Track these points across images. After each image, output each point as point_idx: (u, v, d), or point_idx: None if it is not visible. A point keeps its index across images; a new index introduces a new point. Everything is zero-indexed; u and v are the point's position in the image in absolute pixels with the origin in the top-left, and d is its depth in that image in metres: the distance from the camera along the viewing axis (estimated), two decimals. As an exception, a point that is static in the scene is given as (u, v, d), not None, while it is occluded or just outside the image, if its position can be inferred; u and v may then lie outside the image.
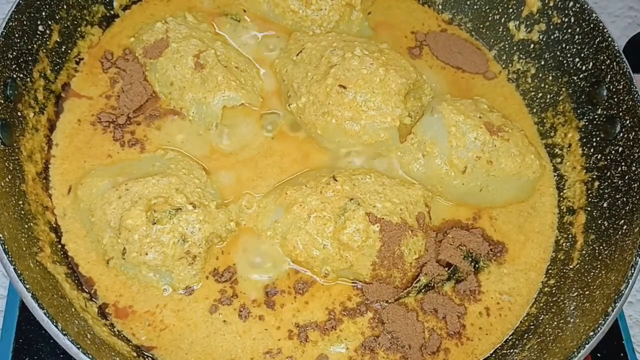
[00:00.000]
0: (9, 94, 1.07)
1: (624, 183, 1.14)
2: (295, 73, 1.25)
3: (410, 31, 1.43)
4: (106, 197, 1.08)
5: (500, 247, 1.19)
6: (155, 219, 1.04)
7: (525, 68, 1.37)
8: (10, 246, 0.93)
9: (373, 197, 1.10)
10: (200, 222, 1.06)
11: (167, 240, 1.04)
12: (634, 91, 1.14)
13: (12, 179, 1.05)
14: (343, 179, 1.12)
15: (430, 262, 1.11)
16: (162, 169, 1.12)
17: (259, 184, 1.19)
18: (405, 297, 1.11)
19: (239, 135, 1.23)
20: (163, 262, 1.04)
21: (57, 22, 1.20)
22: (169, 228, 1.04)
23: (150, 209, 1.04)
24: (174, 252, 1.04)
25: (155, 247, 1.03)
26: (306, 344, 1.06)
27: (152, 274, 1.05)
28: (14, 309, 1.17)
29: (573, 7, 1.26)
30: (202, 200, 1.09)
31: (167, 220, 1.04)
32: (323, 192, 1.10)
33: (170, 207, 1.05)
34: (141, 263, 1.04)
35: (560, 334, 1.05)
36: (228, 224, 1.11)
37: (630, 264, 1.02)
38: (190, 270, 1.06)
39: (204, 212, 1.07)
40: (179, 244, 1.04)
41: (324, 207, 1.09)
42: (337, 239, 1.08)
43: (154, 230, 1.03)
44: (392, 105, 1.18)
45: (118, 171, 1.14)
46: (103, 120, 1.21)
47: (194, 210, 1.06)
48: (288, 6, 1.33)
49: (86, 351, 0.88)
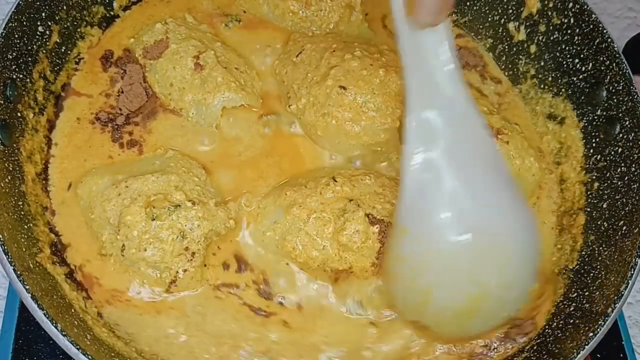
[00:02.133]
0: (8, 95, 1.07)
1: (623, 184, 1.14)
2: (295, 74, 1.25)
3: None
4: (106, 194, 1.08)
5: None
6: (155, 215, 1.04)
7: (525, 69, 1.37)
8: (9, 247, 0.93)
9: (373, 199, 1.10)
10: (199, 219, 1.06)
11: (165, 236, 1.04)
12: (633, 92, 1.14)
13: (12, 180, 1.05)
14: (343, 180, 1.12)
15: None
16: (161, 167, 1.13)
17: (259, 185, 1.19)
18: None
19: (239, 136, 1.23)
20: (162, 259, 1.04)
21: (56, 22, 1.20)
22: (167, 224, 1.05)
23: (150, 205, 1.05)
24: (173, 248, 1.05)
25: (154, 244, 1.04)
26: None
27: (151, 270, 1.06)
28: (13, 310, 1.17)
29: (572, 8, 1.26)
30: (201, 197, 1.09)
31: (166, 217, 1.05)
32: (323, 193, 1.11)
33: (169, 203, 1.05)
34: (140, 259, 1.04)
35: (559, 335, 1.05)
36: (227, 221, 1.11)
37: (630, 264, 1.02)
38: (189, 266, 1.07)
39: (203, 209, 1.08)
40: (177, 241, 1.05)
41: (323, 208, 1.09)
42: (336, 240, 1.08)
43: (153, 226, 1.04)
44: (393, 106, 1.18)
45: (118, 169, 1.14)
46: (102, 119, 1.21)
47: (193, 207, 1.06)
48: (288, 7, 1.34)
49: (86, 352, 0.88)
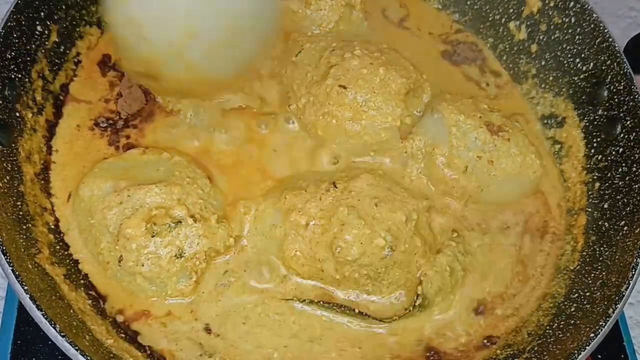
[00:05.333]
0: (7, 94, 1.07)
1: (624, 184, 1.14)
2: (294, 74, 1.24)
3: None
4: (107, 200, 1.07)
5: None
6: (155, 232, 1.03)
7: (526, 68, 1.37)
8: (8, 247, 0.92)
9: (372, 207, 1.08)
10: (199, 236, 1.06)
11: (164, 253, 1.04)
12: (634, 92, 1.14)
13: (10, 180, 1.04)
14: (343, 185, 1.10)
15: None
16: (166, 175, 1.11)
17: (259, 185, 1.18)
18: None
19: (238, 136, 1.22)
20: (158, 274, 1.04)
21: (55, 22, 1.20)
22: (167, 241, 1.04)
23: (151, 220, 1.04)
24: (170, 265, 1.04)
25: (152, 260, 1.03)
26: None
27: (148, 283, 1.05)
28: (12, 311, 1.17)
29: (574, 8, 1.25)
30: (203, 213, 1.08)
31: (167, 234, 1.04)
32: (323, 199, 1.09)
33: (170, 219, 1.05)
34: (137, 272, 1.04)
35: (560, 336, 1.05)
36: (227, 239, 1.10)
37: (631, 265, 1.02)
38: (186, 282, 1.06)
39: (204, 226, 1.07)
40: (175, 258, 1.04)
41: (322, 214, 1.08)
42: (335, 248, 1.06)
43: (152, 243, 1.03)
44: (393, 105, 1.18)
45: (121, 173, 1.12)
46: (101, 124, 1.21)
47: (194, 224, 1.06)
48: (287, 6, 1.33)
49: (84, 353, 0.87)
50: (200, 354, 1.04)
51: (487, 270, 1.16)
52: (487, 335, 1.11)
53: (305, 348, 1.06)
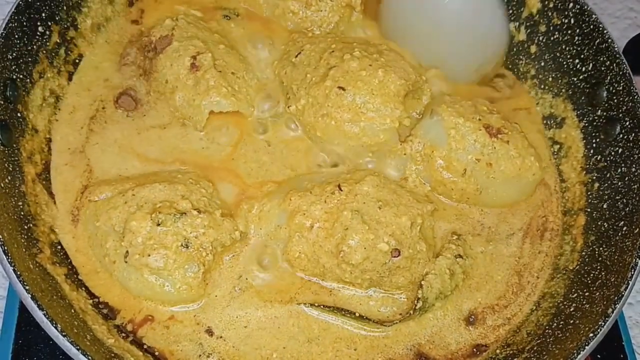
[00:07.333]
0: (8, 95, 1.07)
1: (623, 184, 1.14)
2: (294, 75, 1.24)
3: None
4: (112, 202, 1.08)
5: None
6: (160, 220, 1.03)
7: (525, 69, 1.37)
8: (9, 247, 0.93)
9: (377, 210, 1.08)
10: (204, 227, 1.06)
11: (170, 243, 1.03)
12: (633, 92, 1.14)
13: (12, 180, 1.05)
14: (348, 188, 1.10)
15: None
16: (170, 177, 1.12)
17: (259, 186, 1.18)
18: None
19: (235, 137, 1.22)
20: (165, 266, 1.03)
21: (56, 23, 1.20)
22: (173, 231, 1.04)
23: (155, 211, 1.04)
24: (177, 256, 1.04)
25: (158, 250, 1.03)
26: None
27: (154, 278, 1.04)
28: (13, 310, 1.17)
29: (573, 9, 1.26)
30: (207, 207, 1.09)
31: (172, 223, 1.04)
32: (328, 201, 1.09)
33: (175, 210, 1.05)
34: (143, 266, 1.03)
35: (560, 336, 1.05)
36: (233, 232, 1.09)
37: (630, 265, 1.02)
38: (192, 275, 1.05)
39: (209, 218, 1.07)
40: (181, 248, 1.04)
41: (327, 217, 1.08)
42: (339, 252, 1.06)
43: (158, 231, 1.03)
44: (392, 107, 1.18)
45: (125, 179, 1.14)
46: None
47: (198, 215, 1.06)
48: (288, 7, 1.33)
49: (86, 352, 0.88)
50: (199, 354, 1.05)
51: (483, 282, 1.16)
52: (476, 344, 1.11)
53: (303, 349, 1.07)
